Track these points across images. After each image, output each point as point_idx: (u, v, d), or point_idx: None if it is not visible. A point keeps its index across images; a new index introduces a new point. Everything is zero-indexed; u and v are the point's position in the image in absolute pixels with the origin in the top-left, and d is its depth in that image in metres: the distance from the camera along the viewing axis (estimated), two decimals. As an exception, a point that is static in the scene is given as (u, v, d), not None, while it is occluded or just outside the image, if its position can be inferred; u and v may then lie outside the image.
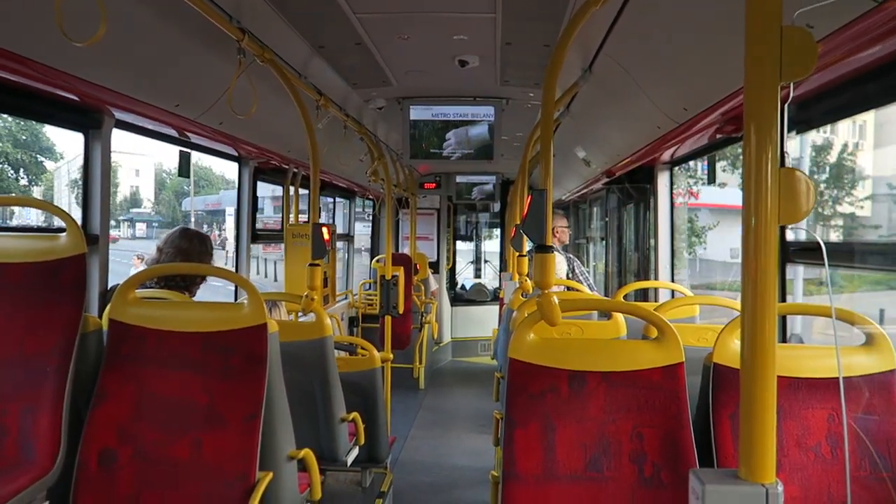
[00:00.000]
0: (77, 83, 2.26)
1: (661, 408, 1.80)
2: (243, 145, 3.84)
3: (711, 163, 3.76)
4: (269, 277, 21.82)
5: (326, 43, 3.15)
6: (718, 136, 3.07)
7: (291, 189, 4.85)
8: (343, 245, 7.31)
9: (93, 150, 2.71)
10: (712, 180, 3.83)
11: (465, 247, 10.65)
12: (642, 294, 4.34)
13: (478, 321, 8.97)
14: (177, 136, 3.31)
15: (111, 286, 2.63)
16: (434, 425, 5.98)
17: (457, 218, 9.74)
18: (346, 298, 6.67)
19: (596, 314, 3.24)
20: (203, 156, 4.42)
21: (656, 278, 4.31)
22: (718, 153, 3.64)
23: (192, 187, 43.09)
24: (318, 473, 2.15)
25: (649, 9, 2.22)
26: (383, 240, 6.16)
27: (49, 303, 1.87)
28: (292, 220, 4.91)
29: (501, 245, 9.76)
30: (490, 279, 10.36)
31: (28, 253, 1.92)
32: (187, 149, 3.47)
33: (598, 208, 6.68)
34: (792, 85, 1.12)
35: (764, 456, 1.09)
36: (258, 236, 4.46)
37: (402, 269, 5.03)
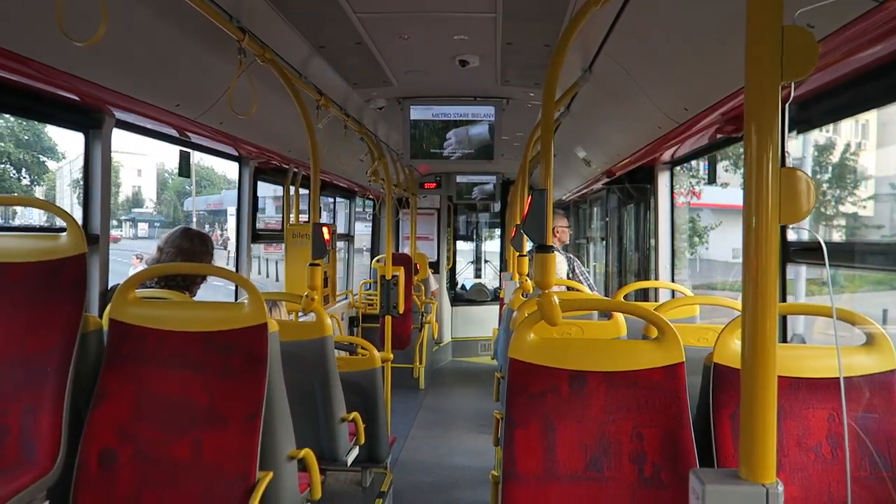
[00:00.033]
0: (77, 83, 2.26)
1: (662, 408, 1.80)
2: (244, 145, 3.84)
3: (712, 162, 3.76)
4: (271, 277, 21.82)
5: (327, 43, 3.15)
6: (719, 136, 3.07)
7: (292, 189, 4.85)
8: (343, 245, 7.31)
9: (93, 150, 2.72)
10: (713, 180, 3.83)
11: (466, 247, 10.65)
12: (642, 294, 4.34)
13: (478, 321, 8.97)
14: (177, 136, 3.31)
15: (111, 286, 2.64)
16: (434, 425, 5.98)
17: (457, 218, 9.74)
18: (347, 298, 6.67)
19: (596, 314, 3.24)
20: (205, 156, 4.42)
21: (656, 278, 4.30)
22: (721, 153, 3.63)
23: (194, 187, 43.04)
24: (319, 473, 2.15)
25: (649, 9, 2.22)
26: (383, 240, 6.16)
27: (49, 302, 1.87)
28: (293, 220, 4.91)
29: (502, 245, 9.76)
30: (490, 279, 10.36)
31: (29, 253, 1.92)
32: (187, 149, 3.47)
33: (599, 208, 6.67)
34: (793, 85, 1.12)
35: (764, 456, 1.09)
36: (258, 236, 4.46)
37: (403, 269, 5.03)
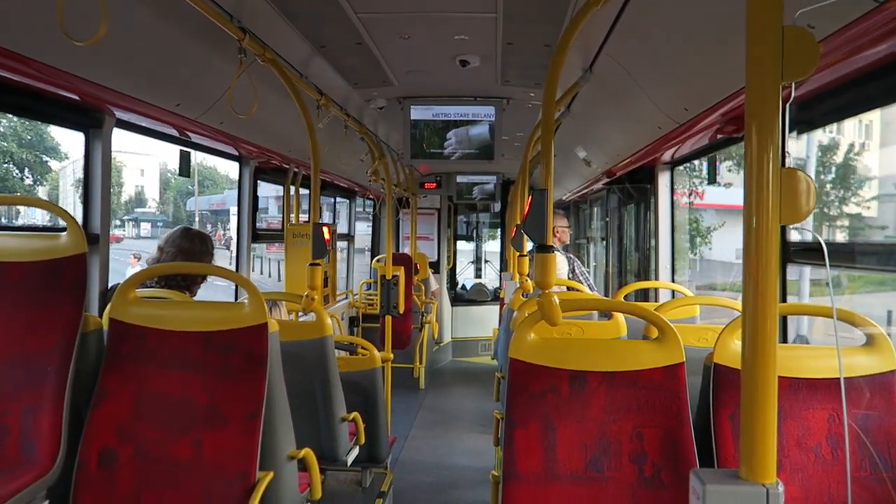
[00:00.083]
0: (78, 82, 2.26)
1: (662, 408, 1.80)
2: (244, 145, 3.84)
3: (712, 163, 3.76)
4: (273, 277, 21.83)
5: (327, 43, 3.15)
6: (719, 137, 3.07)
7: (292, 189, 4.85)
8: (344, 245, 7.31)
9: (93, 150, 2.72)
10: (713, 180, 3.83)
11: (466, 247, 10.65)
12: (643, 294, 4.33)
13: (478, 321, 8.97)
14: (177, 136, 3.32)
15: (111, 285, 2.64)
16: (434, 425, 5.98)
17: (457, 218, 9.74)
18: (347, 298, 6.67)
19: (596, 314, 3.24)
20: (207, 156, 4.42)
21: (657, 278, 4.30)
22: (724, 153, 3.64)
23: (197, 187, 43.01)
24: (319, 473, 2.15)
25: (650, 9, 2.22)
26: (384, 239, 6.16)
27: (49, 302, 1.87)
28: (293, 220, 4.91)
29: (502, 245, 9.76)
30: (490, 279, 10.36)
31: (29, 252, 1.92)
32: (188, 148, 3.47)
33: (599, 208, 6.67)
34: (793, 85, 1.12)
35: (765, 456, 1.09)
36: (259, 236, 4.46)
37: (403, 269, 5.03)
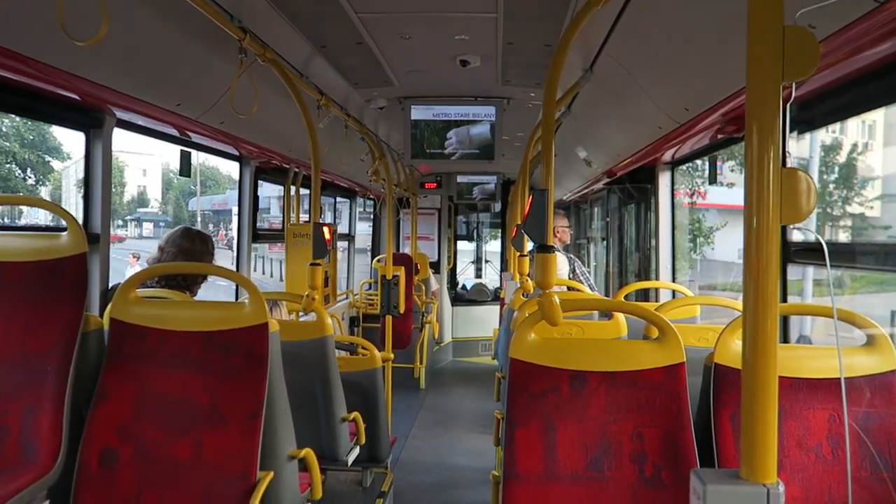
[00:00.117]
0: (78, 82, 2.26)
1: (662, 408, 1.80)
2: (244, 145, 3.84)
3: (712, 162, 3.76)
4: (275, 277, 21.84)
5: (328, 42, 3.15)
6: (720, 137, 3.07)
7: (293, 189, 4.85)
8: (344, 245, 7.31)
9: (94, 150, 2.72)
10: (713, 180, 3.84)
11: (466, 247, 10.65)
12: (643, 294, 4.33)
13: (478, 321, 8.97)
14: (178, 136, 3.32)
15: (112, 285, 2.64)
16: (435, 425, 5.98)
17: (457, 218, 9.74)
18: (347, 298, 6.67)
19: (597, 314, 3.24)
20: (210, 156, 4.43)
21: (657, 278, 4.30)
22: (727, 153, 3.64)
23: (199, 187, 42.96)
24: (319, 473, 2.15)
25: (650, 9, 2.22)
26: (384, 239, 6.16)
27: (50, 302, 1.87)
28: (294, 220, 4.91)
29: (502, 245, 9.75)
30: (491, 279, 10.36)
31: (29, 252, 1.92)
32: (188, 148, 3.47)
33: (599, 208, 6.67)
34: (794, 85, 1.12)
35: (765, 456, 1.09)
36: (259, 236, 4.46)
37: (403, 269, 5.03)
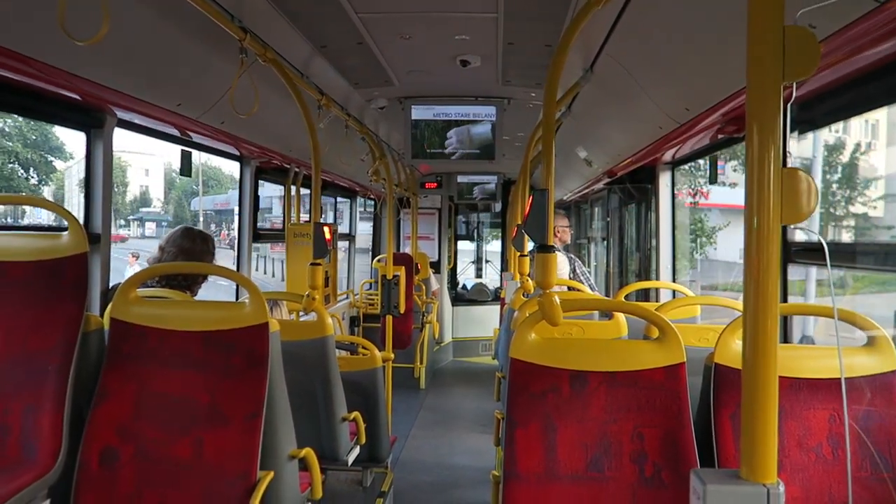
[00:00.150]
0: (79, 82, 2.26)
1: (663, 408, 1.80)
2: (245, 145, 3.84)
3: (713, 162, 3.77)
4: (276, 277, 21.83)
5: (328, 42, 3.15)
6: (720, 137, 3.07)
7: (293, 189, 4.85)
8: (345, 244, 7.31)
9: (95, 149, 2.72)
10: (714, 180, 3.84)
11: (467, 247, 10.65)
12: (643, 294, 4.33)
13: (479, 321, 8.97)
14: (178, 136, 3.32)
15: (112, 285, 2.64)
16: (435, 425, 5.98)
17: (458, 218, 9.74)
18: (348, 298, 6.67)
19: (597, 314, 3.24)
20: (212, 156, 4.43)
21: (657, 278, 4.30)
22: (730, 153, 3.65)
23: (201, 187, 42.90)
24: (319, 473, 2.15)
25: (651, 9, 2.22)
26: (384, 239, 6.16)
27: (51, 301, 1.87)
28: (294, 220, 4.91)
29: (503, 245, 9.75)
30: (491, 279, 10.36)
31: (30, 252, 1.92)
32: (189, 148, 3.47)
33: (600, 208, 6.67)
34: (794, 85, 1.12)
35: (765, 456, 1.09)
36: (260, 235, 4.47)
37: (404, 269, 5.03)
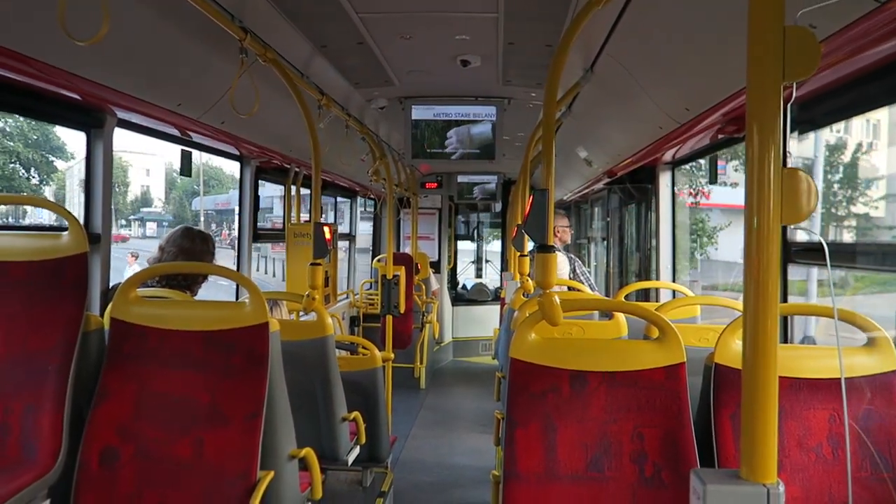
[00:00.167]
0: (79, 82, 2.26)
1: (663, 408, 1.80)
2: (245, 144, 3.84)
3: (712, 162, 3.77)
4: (278, 277, 21.82)
5: (328, 42, 3.15)
6: (720, 137, 3.07)
7: (293, 189, 4.85)
8: (345, 244, 7.31)
9: (95, 149, 2.72)
10: (714, 180, 3.85)
11: (467, 246, 10.65)
12: (643, 294, 4.33)
13: (479, 321, 8.97)
14: (179, 136, 3.32)
15: (112, 285, 2.64)
16: (435, 425, 5.98)
17: (458, 217, 9.74)
18: (348, 298, 6.67)
19: (597, 314, 3.24)
20: (213, 156, 4.43)
21: (658, 279, 4.30)
22: (731, 153, 3.66)
23: (202, 187, 42.86)
24: (319, 472, 2.15)
25: (651, 9, 2.22)
26: (384, 239, 6.16)
27: (51, 301, 1.87)
28: (294, 220, 4.91)
29: (503, 245, 9.75)
30: (491, 279, 10.36)
31: (30, 251, 1.92)
32: (189, 148, 3.47)
33: (600, 208, 6.67)
34: (794, 85, 1.12)
35: (765, 456, 1.09)
36: (260, 235, 4.47)
37: (404, 269, 5.03)
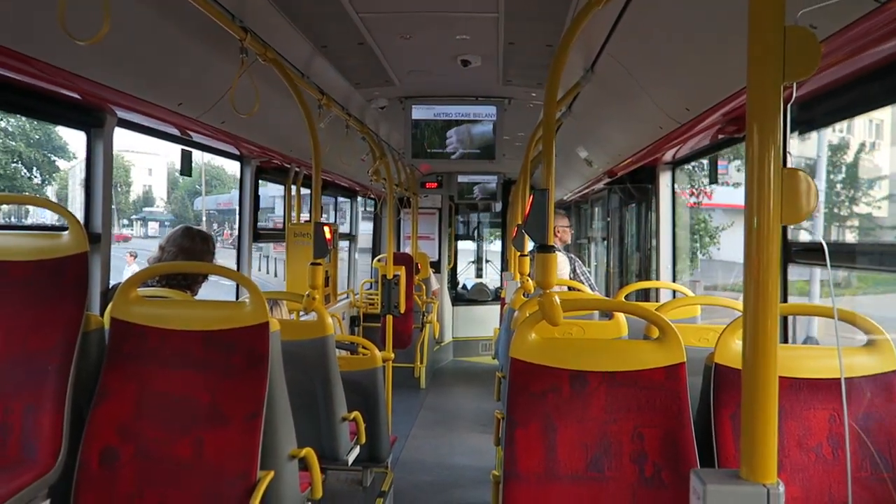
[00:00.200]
0: (79, 82, 2.26)
1: (663, 408, 1.80)
2: (245, 144, 3.84)
3: (713, 162, 3.78)
4: (279, 276, 21.82)
5: (329, 42, 3.15)
6: (721, 137, 3.07)
7: (293, 188, 4.85)
8: (346, 244, 7.31)
9: (95, 149, 2.72)
10: (714, 180, 3.85)
11: (467, 246, 10.65)
12: (644, 294, 4.33)
13: (479, 321, 8.97)
14: (179, 135, 3.32)
15: (112, 284, 2.64)
16: (435, 425, 5.98)
17: (458, 217, 9.74)
18: (348, 298, 6.67)
19: (597, 314, 3.24)
20: (215, 156, 4.43)
21: (658, 279, 4.30)
22: (734, 153, 3.65)
23: (204, 187, 42.84)
24: (319, 472, 2.15)
25: (651, 9, 2.22)
26: (385, 239, 6.17)
27: (51, 301, 1.87)
28: (295, 220, 4.91)
29: (503, 245, 9.76)
30: (491, 279, 10.36)
31: (31, 251, 1.92)
32: (189, 148, 3.47)
33: (600, 208, 6.67)
34: (794, 85, 1.12)
35: (765, 456, 1.09)
36: (260, 235, 4.47)
37: (404, 269, 5.03)
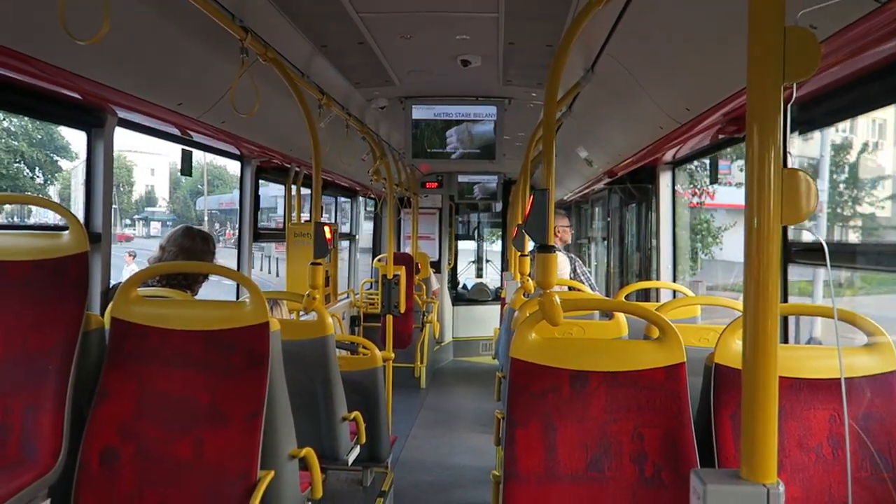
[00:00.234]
0: (80, 81, 2.27)
1: (663, 408, 1.80)
2: (245, 144, 3.84)
3: (713, 162, 3.78)
4: (281, 276, 21.83)
5: (329, 42, 3.15)
6: (721, 137, 3.07)
7: (294, 188, 4.85)
8: (346, 244, 7.31)
9: (95, 149, 2.73)
10: (714, 179, 3.86)
11: (467, 246, 10.65)
12: (644, 294, 4.33)
13: (479, 321, 8.97)
14: (179, 135, 3.32)
15: (112, 284, 2.64)
16: (435, 424, 5.98)
17: (458, 217, 9.74)
18: (348, 297, 6.67)
19: (598, 314, 3.24)
20: (217, 156, 4.43)
21: (658, 279, 4.30)
22: (737, 152, 3.66)
23: (206, 186, 42.85)
24: (320, 472, 2.15)
25: (652, 9, 2.22)
26: (385, 239, 6.17)
27: (52, 301, 1.87)
28: (295, 219, 4.92)
29: (503, 245, 9.76)
30: (492, 279, 10.36)
31: (31, 251, 1.92)
32: (190, 147, 3.47)
33: (600, 208, 6.67)
34: (794, 85, 1.12)
35: (765, 456, 1.09)
36: (260, 235, 4.47)
37: (404, 269, 5.03)
